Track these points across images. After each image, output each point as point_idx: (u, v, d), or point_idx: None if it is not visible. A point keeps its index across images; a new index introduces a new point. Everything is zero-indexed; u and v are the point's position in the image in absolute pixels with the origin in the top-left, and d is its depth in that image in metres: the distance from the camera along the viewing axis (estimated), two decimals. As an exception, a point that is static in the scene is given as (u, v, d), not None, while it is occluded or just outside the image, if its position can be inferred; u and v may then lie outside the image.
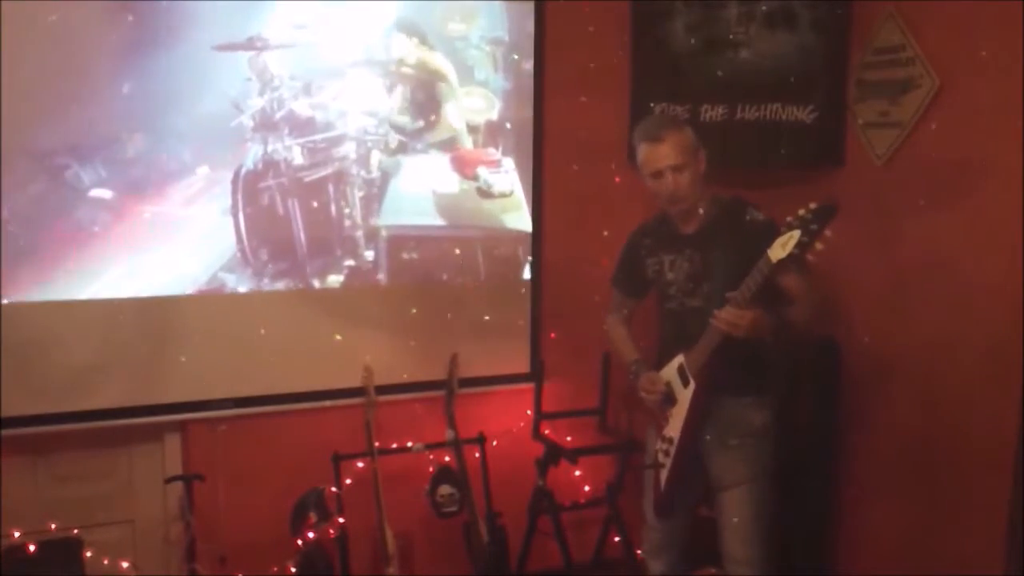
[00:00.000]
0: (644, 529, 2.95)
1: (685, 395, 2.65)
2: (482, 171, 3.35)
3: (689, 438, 2.67)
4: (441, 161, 3.30)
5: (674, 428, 2.70)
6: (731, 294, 2.41)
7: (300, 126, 3.09)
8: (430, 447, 3.26)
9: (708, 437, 2.68)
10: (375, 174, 3.21)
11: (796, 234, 2.24)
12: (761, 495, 2.69)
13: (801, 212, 2.27)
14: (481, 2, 3.26)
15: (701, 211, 2.66)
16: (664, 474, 2.76)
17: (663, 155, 2.58)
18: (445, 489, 3.21)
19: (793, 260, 2.27)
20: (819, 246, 2.24)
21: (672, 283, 2.71)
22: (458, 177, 3.33)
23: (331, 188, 3.16)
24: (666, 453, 2.73)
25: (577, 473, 3.44)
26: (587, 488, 3.49)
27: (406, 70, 3.20)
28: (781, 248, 2.27)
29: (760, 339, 2.49)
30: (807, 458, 3.31)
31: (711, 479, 2.73)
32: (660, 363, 2.77)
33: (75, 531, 2.92)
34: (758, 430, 2.68)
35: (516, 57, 3.32)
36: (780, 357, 2.74)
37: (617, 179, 3.49)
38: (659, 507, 2.81)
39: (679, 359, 2.67)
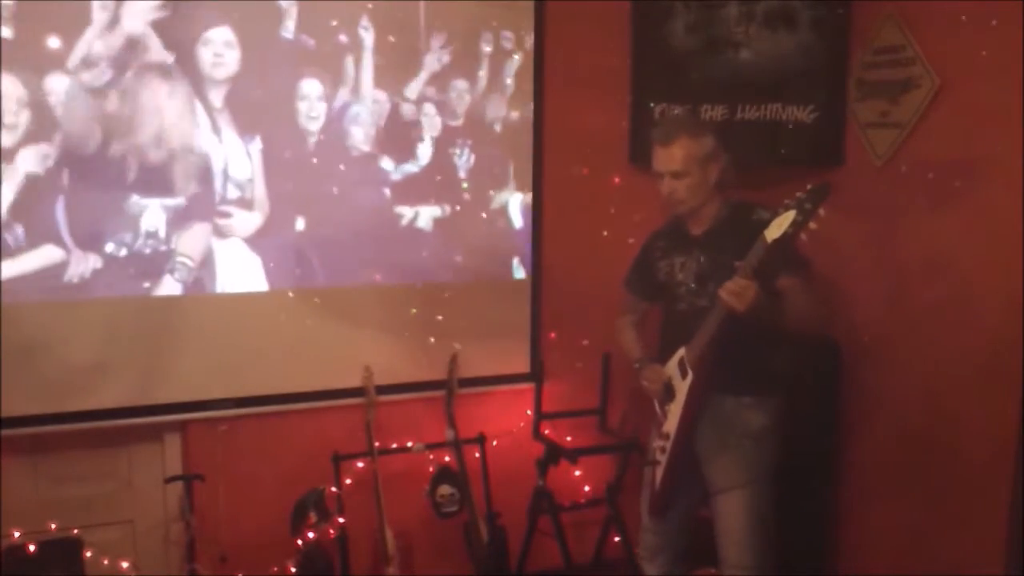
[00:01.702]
0: (640, 530, 2.94)
1: (683, 388, 2.64)
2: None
3: (685, 432, 2.66)
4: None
5: (671, 424, 2.69)
6: (738, 263, 2.40)
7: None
8: (430, 447, 3.26)
9: (706, 438, 2.68)
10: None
11: (792, 214, 2.28)
12: (758, 499, 2.64)
13: (797, 194, 2.31)
14: (481, 2, 3.26)
15: (710, 213, 2.67)
16: (660, 471, 2.75)
17: (667, 159, 2.61)
18: (445, 489, 3.21)
19: (788, 239, 2.29)
20: (813, 226, 2.27)
21: (682, 284, 2.70)
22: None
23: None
24: (663, 450, 2.72)
25: (577, 473, 3.44)
26: (587, 488, 3.49)
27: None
28: (777, 228, 2.31)
29: (759, 330, 2.48)
30: (807, 458, 3.30)
31: (707, 482, 2.71)
32: (663, 363, 2.77)
33: (75, 531, 2.92)
34: (757, 432, 2.65)
35: (516, 57, 3.33)
36: (783, 358, 2.74)
37: (617, 179, 3.49)
38: (653, 505, 2.80)
39: (680, 352, 2.67)
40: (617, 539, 3.34)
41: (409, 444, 3.26)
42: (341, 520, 3.12)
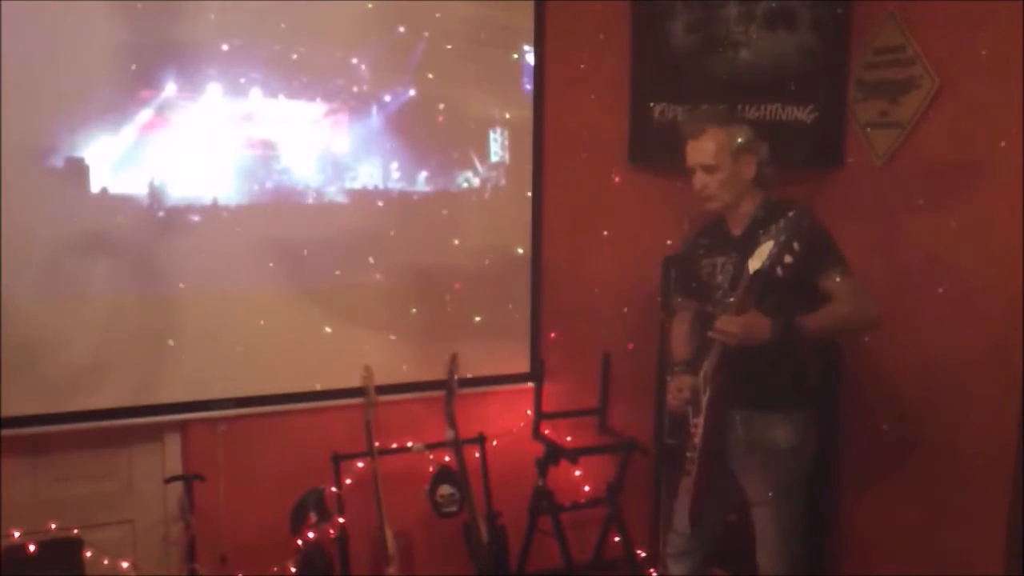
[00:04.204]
0: (669, 533, 2.87)
1: (704, 403, 2.59)
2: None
3: (708, 447, 2.59)
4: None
5: (698, 437, 2.65)
6: (728, 301, 2.40)
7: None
8: (430, 447, 3.25)
9: (738, 453, 2.61)
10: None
11: (769, 245, 2.26)
12: (785, 512, 2.61)
13: (781, 222, 2.28)
14: (481, 1, 3.26)
15: (747, 213, 2.58)
16: (690, 483, 2.70)
17: (698, 152, 2.54)
18: (445, 489, 3.21)
19: (766, 272, 2.27)
20: (787, 259, 2.24)
21: (720, 286, 2.62)
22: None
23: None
24: (692, 461, 2.64)
25: (577, 473, 3.44)
26: (587, 488, 3.48)
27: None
28: (758, 259, 2.28)
29: (786, 347, 2.41)
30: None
31: (745, 493, 2.68)
32: (696, 369, 2.68)
33: (75, 531, 2.92)
34: (783, 449, 2.57)
35: (516, 56, 3.33)
36: (812, 373, 2.63)
37: (617, 179, 3.49)
38: (690, 517, 2.70)
39: (704, 366, 2.60)
40: (617, 539, 3.34)
41: (409, 444, 3.26)
42: (341, 520, 3.12)
